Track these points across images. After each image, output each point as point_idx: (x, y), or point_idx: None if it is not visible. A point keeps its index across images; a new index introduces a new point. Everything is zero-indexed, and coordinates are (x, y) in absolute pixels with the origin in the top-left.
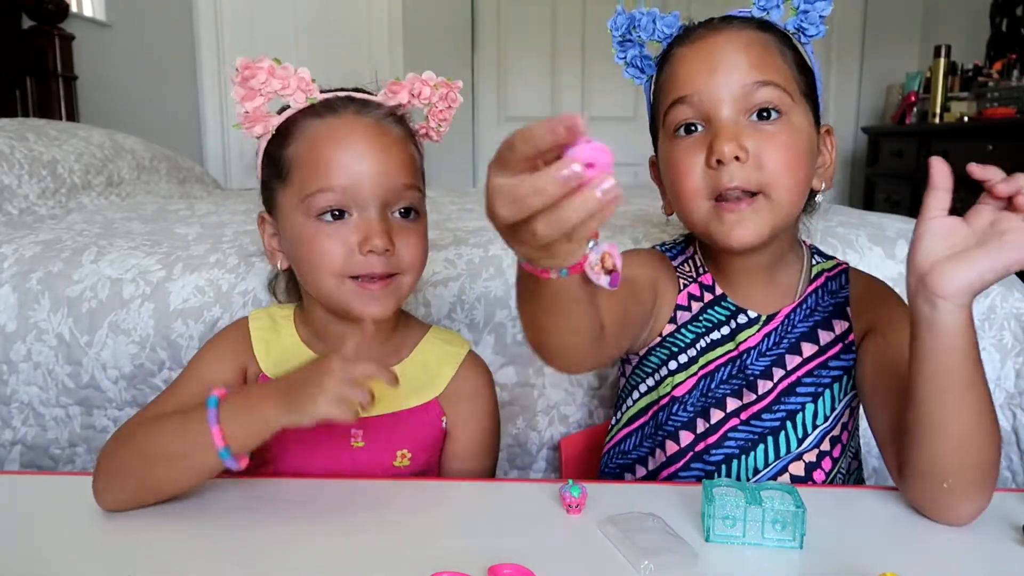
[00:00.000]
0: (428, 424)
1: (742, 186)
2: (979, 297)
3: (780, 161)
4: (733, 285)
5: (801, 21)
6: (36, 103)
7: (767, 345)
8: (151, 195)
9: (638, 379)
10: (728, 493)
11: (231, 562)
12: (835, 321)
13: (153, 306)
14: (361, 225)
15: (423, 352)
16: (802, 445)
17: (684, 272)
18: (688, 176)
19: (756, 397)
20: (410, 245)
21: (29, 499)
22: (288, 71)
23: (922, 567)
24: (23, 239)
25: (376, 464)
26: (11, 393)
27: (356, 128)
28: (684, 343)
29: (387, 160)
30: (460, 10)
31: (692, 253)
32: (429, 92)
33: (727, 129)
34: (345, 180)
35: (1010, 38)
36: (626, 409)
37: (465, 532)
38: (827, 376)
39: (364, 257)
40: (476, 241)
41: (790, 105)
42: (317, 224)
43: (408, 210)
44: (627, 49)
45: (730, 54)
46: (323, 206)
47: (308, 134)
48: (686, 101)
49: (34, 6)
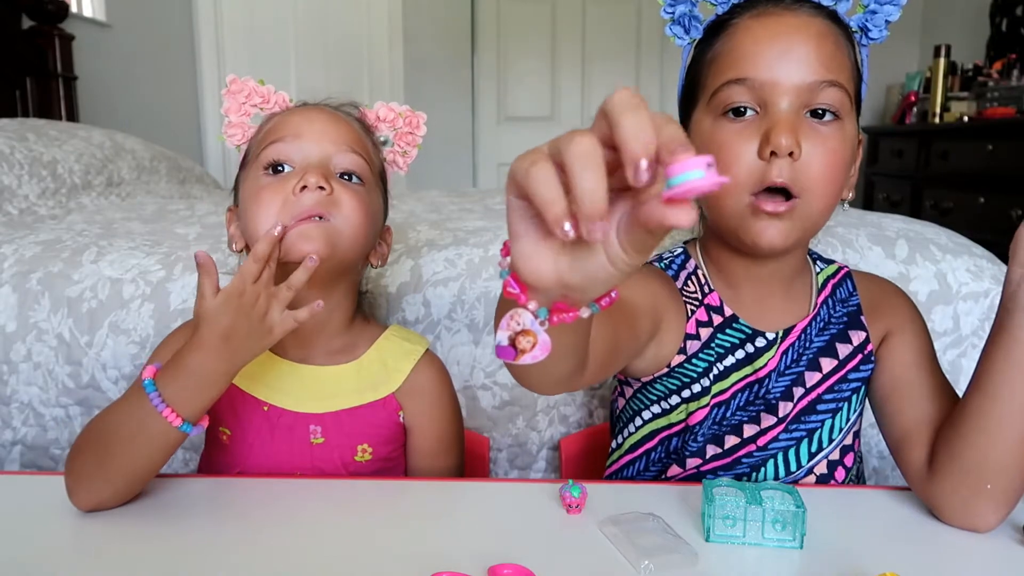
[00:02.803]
0: (385, 419)
1: (787, 184)
2: (979, 297)
3: (825, 167)
4: (744, 302)
5: (867, 20)
6: (36, 103)
7: (786, 363)
8: (151, 195)
9: (641, 405)
10: (728, 493)
11: (231, 563)
12: (851, 332)
13: (153, 306)
14: (298, 172)
15: (380, 349)
16: (813, 460)
17: (689, 293)
18: (734, 164)
19: (776, 420)
20: (349, 197)
21: (29, 499)
22: (269, 90)
23: (922, 567)
24: (23, 239)
25: (337, 459)
26: (11, 393)
27: (313, 110)
28: (696, 373)
29: (334, 129)
30: (460, 10)
31: (694, 268)
32: (393, 117)
33: (788, 121)
34: (292, 131)
35: (1010, 38)
36: (628, 435)
37: (465, 532)
38: (847, 390)
39: (297, 197)
40: (476, 241)
41: (848, 111)
42: (261, 179)
43: (352, 175)
44: (677, 4)
45: (803, 42)
46: (269, 159)
47: (273, 120)
48: (745, 83)
49: (34, 6)
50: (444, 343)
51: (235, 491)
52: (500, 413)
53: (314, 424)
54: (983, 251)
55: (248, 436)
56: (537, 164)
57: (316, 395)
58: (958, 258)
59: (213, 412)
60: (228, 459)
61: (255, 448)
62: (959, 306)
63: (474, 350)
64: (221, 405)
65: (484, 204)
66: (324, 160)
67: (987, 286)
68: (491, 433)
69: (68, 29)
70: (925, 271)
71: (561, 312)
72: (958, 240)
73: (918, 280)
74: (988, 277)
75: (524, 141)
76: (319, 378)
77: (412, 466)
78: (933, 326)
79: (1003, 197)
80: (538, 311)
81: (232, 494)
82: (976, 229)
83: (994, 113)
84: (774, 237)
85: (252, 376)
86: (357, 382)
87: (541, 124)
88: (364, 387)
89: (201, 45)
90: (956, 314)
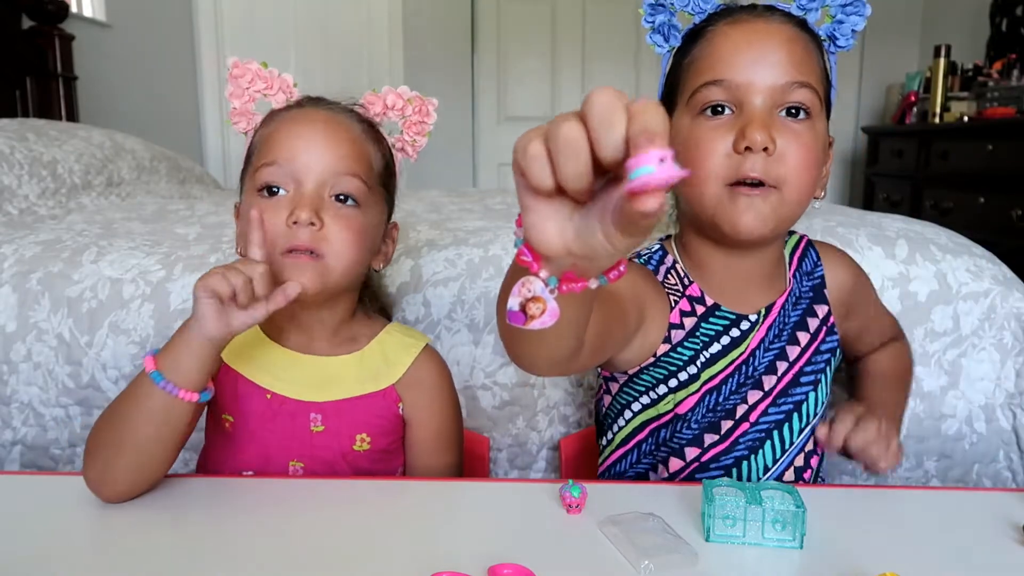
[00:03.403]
0: (385, 410)
1: (762, 177)
2: (979, 297)
3: (800, 160)
4: (724, 291)
5: (835, 30)
6: (36, 103)
7: (769, 339)
8: (151, 195)
9: (630, 397)
10: (728, 493)
11: (231, 563)
12: (816, 306)
13: (153, 306)
14: (291, 199)
15: (382, 343)
16: (803, 435)
17: (670, 286)
18: (709, 157)
19: (763, 394)
20: (340, 229)
21: (29, 499)
22: (272, 74)
23: (922, 567)
24: (23, 239)
25: (336, 448)
26: (11, 393)
27: (311, 115)
28: (682, 361)
29: (333, 144)
30: (460, 10)
31: (672, 262)
32: (402, 104)
33: (761, 118)
34: (285, 154)
35: (1010, 38)
36: (618, 429)
37: (465, 532)
38: (821, 361)
39: (289, 229)
40: (476, 241)
41: (818, 110)
42: (256, 199)
43: (346, 197)
44: (657, 14)
45: (775, 46)
46: (262, 181)
47: (272, 124)
48: (722, 84)
49: (34, 6)
50: (444, 343)
51: (235, 491)
52: (500, 413)
53: (315, 412)
54: (983, 251)
55: (250, 423)
56: (531, 144)
57: (318, 384)
58: (958, 258)
59: (217, 400)
60: (230, 447)
61: (256, 435)
62: (959, 306)
63: (474, 350)
64: (224, 393)
65: (484, 204)
66: (319, 187)
67: (987, 286)
68: (491, 433)
69: (68, 29)
70: (925, 271)
71: (570, 282)
72: (958, 240)
73: (918, 280)
74: (988, 277)
75: None
76: (321, 367)
77: (412, 463)
78: (933, 326)
79: (1003, 197)
80: (548, 279)
81: (232, 494)
82: (976, 229)
83: (994, 113)
84: (752, 221)
85: (255, 364)
86: (358, 372)
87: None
88: (365, 378)
89: (201, 45)
90: (956, 314)
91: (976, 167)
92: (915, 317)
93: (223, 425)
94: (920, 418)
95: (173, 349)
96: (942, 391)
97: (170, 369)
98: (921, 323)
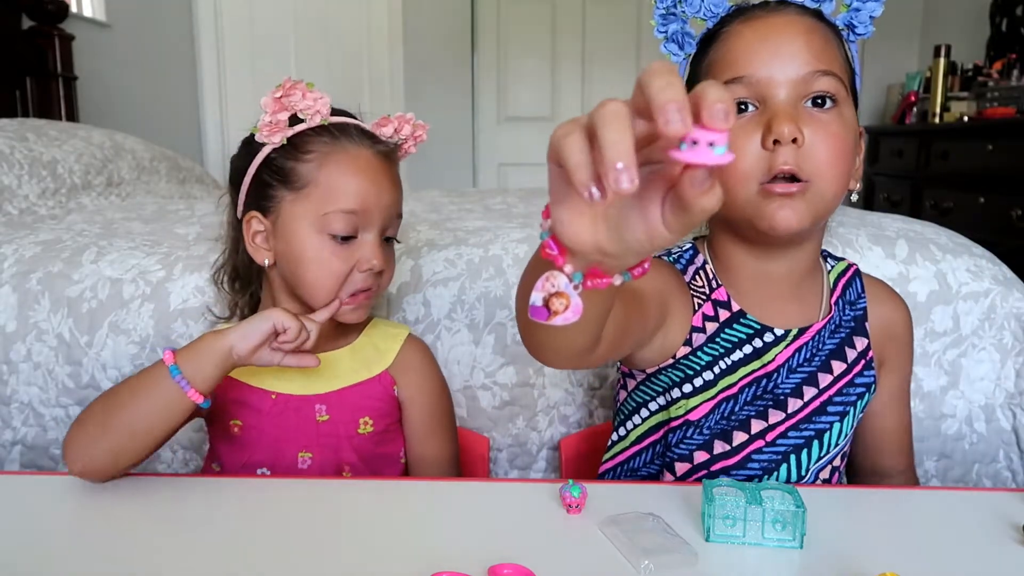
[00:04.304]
0: (382, 392)
1: (794, 170)
2: (979, 297)
3: (831, 151)
4: (752, 299)
5: (852, 18)
6: (36, 103)
7: (798, 361)
8: (151, 195)
9: (646, 397)
10: (728, 493)
11: (231, 563)
12: (856, 338)
13: (153, 306)
14: (364, 247)
15: (370, 335)
16: (820, 462)
17: (696, 288)
18: (741, 158)
19: (784, 416)
20: (389, 267)
21: (29, 499)
22: (316, 94)
23: (922, 567)
24: (23, 239)
25: (342, 434)
26: (11, 393)
27: (373, 161)
28: (700, 366)
29: (392, 191)
30: (460, 10)
31: (703, 263)
32: (409, 130)
33: (786, 111)
34: (361, 206)
35: (1010, 38)
36: (632, 427)
37: (465, 532)
38: (853, 394)
39: (361, 274)
40: (476, 241)
41: (844, 97)
42: (326, 241)
43: (392, 237)
44: (669, 23)
45: (792, 38)
46: (339, 228)
47: (330, 157)
48: (743, 81)
49: (34, 6)
50: (444, 343)
51: (236, 491)
52: (500, 413)
53: (319, 403)
54: (983, 251)
55: (259, 424)
56: (570, 133)
57: (318, 378)
58: (958, 258)
59: (223, 409)
60: (240, 448)
61: (266, 433)
62: (959, 306)
63: (474, 350)
64: (231, 401)
65: (484, 204)
66: (383, 229)
67: (987, 286)
68: (491, 433)
69: (68, 29)
70: (925, 271)
71: (595, 278)
72: (958, 240)
73: (918, 280)
74: (988, 277)
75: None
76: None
77: (411, 447)
78: (933, 326)
79: (1003, 197)
80: (573, 275)
81: (233, 494)
82: (976, 229)
83: (994, 113)
84: (789, 218)
85: (257, 371)
86: (353, 363)
87: (541, 124)
88: (360, 367)
89: (201, 45)
90: (956, 314)
91: (976, 167)
92: (915, 317)
93: (232, 430)
94: (920, 418)
95: (197, 351)
96: (942, 391)
97: (189, 367)
98: (921, 323)
